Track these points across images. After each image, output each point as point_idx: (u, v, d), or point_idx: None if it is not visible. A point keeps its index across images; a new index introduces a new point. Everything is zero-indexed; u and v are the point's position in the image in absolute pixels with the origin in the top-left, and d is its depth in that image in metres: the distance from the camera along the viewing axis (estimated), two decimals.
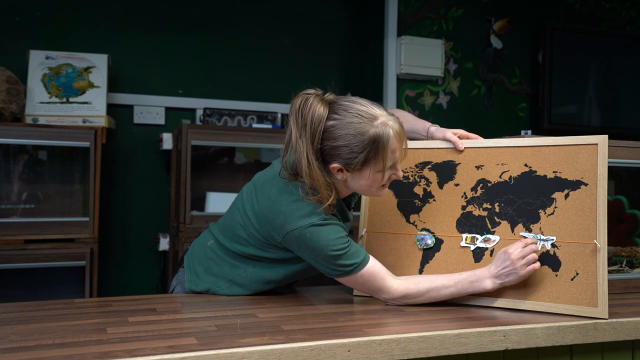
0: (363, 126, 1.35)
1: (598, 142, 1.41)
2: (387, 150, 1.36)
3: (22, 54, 2.90)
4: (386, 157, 1.37)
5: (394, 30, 3.51)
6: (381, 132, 1.35)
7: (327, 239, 1.38)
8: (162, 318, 1.29)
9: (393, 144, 1.37)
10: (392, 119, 1.39)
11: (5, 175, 2.84)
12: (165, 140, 3.10)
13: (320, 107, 1.36)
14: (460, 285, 1.41)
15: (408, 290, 1.42)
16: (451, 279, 1.42)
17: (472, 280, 1.41)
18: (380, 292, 1.43)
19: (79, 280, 2.74)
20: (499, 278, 1.39)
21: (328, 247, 1.38)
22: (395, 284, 1.42)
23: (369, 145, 1.35)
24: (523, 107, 3.92)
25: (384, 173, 1.39)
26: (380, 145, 1.35)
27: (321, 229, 1.38)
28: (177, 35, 3.34)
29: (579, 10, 4.04)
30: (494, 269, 1.39)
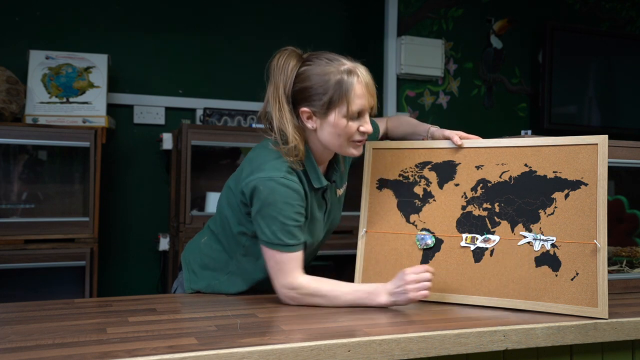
0: (329, 69, 1.41)
1: (598, 142, 1.41)
2: (351, 94, 1.39)
3: (22, 54, 2.89)
4: (350, 100, 1.39)
5: (394, 30, 3.51)
6: (346, 76, 1.40)
7: (281, 200, 1.39)
8: (162, 318, 1.29)
9: (359, 90, 1.40)
10: (361, 68, 1.43)
11: (5, 175, 2.84)
12: (165, 140, 3.09)
13: (294, 58, 1.46)
14: (358, 294, 1.40)
15: (309, 284, 1.41)
16: (351, 287, 1.42)
17: (370, 292, 1.40)
18: (283, 276, 1.41)
19: (79, 280, 2.74)
20: (392, 295, 1.37)
21: (276, 207, 1.38)
22: (300, 277, 1.42)
23: (333, 87, 1.39)
24: (523, 107, 3.92)
25: (349, 120, 1.40)
26: (344, 87, 1.39)
27: (279, 187, 1.39)
28: (177, 35, 3.33)
29: (579, 10, 4.04)
30: (389, 286, 1.39)
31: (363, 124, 1.43)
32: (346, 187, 1.69)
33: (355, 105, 1.40)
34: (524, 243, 1.44)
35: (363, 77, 1.41)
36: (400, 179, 1.62)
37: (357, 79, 1.40)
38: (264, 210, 1.40)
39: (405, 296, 1.36)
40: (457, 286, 1.47)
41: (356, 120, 1.42)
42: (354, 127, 1.42)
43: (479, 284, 1.45)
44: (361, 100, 1.41)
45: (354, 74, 1.40)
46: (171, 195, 3.15)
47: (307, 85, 1.42)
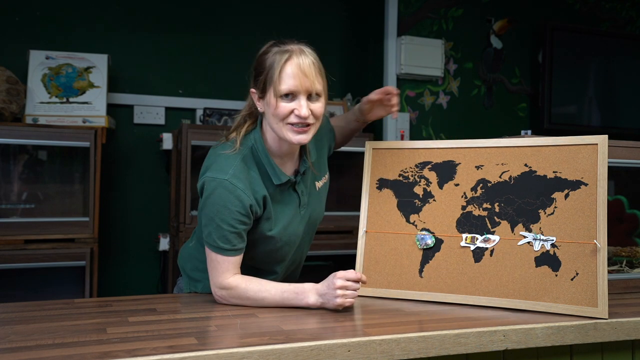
0: (268, 49, 1.43)
1: (598, 142, 1.41)
2: (280, 73, 1.38)
3: (22, 54, 2.89)
4: (280, 80, 1.38)
5: (394, 30, 3.51)
6: (279, 55, 1.39)
7: (219, 203, 1.39)
8: (162, 318, 1.29)
9: (289, 69, 1.38)
10: (299, 50, 1.41)
11: (5, 175, 2.84)
12: (165, 140, 3.10)
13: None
14: (286, 294, 1.39)
15: (237, 285, 1.41)
16: (279, 287, 1.41)
17: (297, 292, 1.38)
18: (215, 276, 1.42)
19: (79, 280, 2.74)
20: (321, 297, 1.36)
21: (214, 208, 1.40)
22: (231, 277, 1.42)
23: (267, 67, 1.40)
24: (523, 107, 3.92)
25: (279, 101, 1.39)
26: (275, 66, 1.39)
27: (221, 190, 1.39)
28: (177, 35, 3.34)
29: (579, 10, 4.04)
30: (320, 287, 1.38)
31: (296, 107, 1.39)
32: (328, 178, 1.66)
33: (283, 84, 1.38)
34: (524, 243, 1.44)
35: (299, 58, 1.39)
36: (400, 179, 1.62)
37: (290, 60, 1.38)
38: (204, 209, 1.42)
39: (333, 300, 1.34)
40: (457, 286, 1.47)
41: (290, 102, 1.39)
42: (286, 109, 1.39)
43: (479, 284, 1.45)
44: (292, 81, 1.37)
45: (288, 53, 1.39)
46: (171, 195, 3.15)
47: (253, 66, 1.46)
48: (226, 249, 1.41)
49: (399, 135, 3.49)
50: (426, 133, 3.61)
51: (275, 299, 1.39)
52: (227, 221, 1.39)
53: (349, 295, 1.35)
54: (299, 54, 1.39)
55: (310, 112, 1.40)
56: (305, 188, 1.55)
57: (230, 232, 1.40)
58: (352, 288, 1.35)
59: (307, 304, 1.38)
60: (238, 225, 1.40)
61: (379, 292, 1.54)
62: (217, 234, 1.40)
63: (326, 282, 1.37)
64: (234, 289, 1.41)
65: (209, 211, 1.41)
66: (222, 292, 1.42)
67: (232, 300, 1.42)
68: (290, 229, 1.52)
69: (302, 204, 1.54)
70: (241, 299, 1.41)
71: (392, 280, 1.54)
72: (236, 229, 1.40)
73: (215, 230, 1.40)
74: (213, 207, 1.40)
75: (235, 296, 1.41)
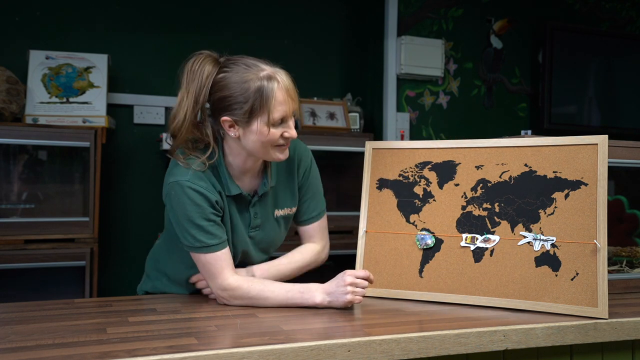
0: (249, 76, 1.37)
1: (598, 142, 1.41)
2: (271, 101, 1.36)
3: (22, 54, 2.89)
4: (272, 108, 1.36)
5: (394, 30, 3.51)
6: (266, 83, 1.36)
7: (190, 202, 1.37)
8: (162, 318, 1.29)
9: (280, 96, 1.37)
10: (281, 73, 1.39)
11: (5, 175, 2.84)
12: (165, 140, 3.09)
13: (210, 64, 1.41)
14: (290, 294, 1.39)
15: (240, 285, 1.39)
16: (283, 287, 1.41)
17: (302, 292, 1.38)
18: (214, 279, 1.40)
19: (79, 280, 2.74)
20: (329, 295, 1.37)
21: (188, 209, 1.37)
22: (231, 277, 1.40)
23: (253, 95, 1.36)
24: (523, 107, 3.92)
25: (271, 127, 1.38)
26: (265, 95, 1.35)
27: (187, 190, 1.37)
28: (177, 35, 3.33)
29: (579, 10, 4.04)
30: (327, 286, 1.38)
31: (287, 130, 1.41)
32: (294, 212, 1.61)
33: (277, 113, 1.37)
34: (524, 243, 1.44)
35: (283, 82, 1.38)
36: (400, 179, 1.62)
37: (278, 85, 1.37)
38: (178, 215, 1.39)
39: (343, 298, 1.35)
40: (457, 286, 1.47)
41: (279, 127, 1.40)
42: (278, 134, 1.40)
43: (479, 284, 1.45)
44: (283, 107, 1.38)
45: (274, 79, 1.37)
46: None
47: (226, 94, 1.38)
48: (213, 244, 1.39)
49: (399, 135, 3.49)
50: (426, 133, 3.61)
51: (279, 299, 1.39)
52: (203, 217, 1.38)
53: (358, 293, 1.35)
54: (282, 77, 1.39)
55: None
56: (261, 211, 1.53)
57: (209, 225, 1.39)
58: (361, 285, 1.36)
59: (314, 303, 1.37)
60: (212, 216, 1.40)
61: (379, 292, 1.54)
62: (200, 234, 1.38)
63: (334, 280, 1.38)
64: (236, 290, 1.40)
65: (180, 214, 1.39)
66: (224, 293, 1.41)
67: (235, 301, 1.41)
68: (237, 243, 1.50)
69: (252, 224, 1.52)
70: (244, 300, 1.40)
71: (392, 280, 1.54)
72: (212, 220, 1.40)
73: (195, 230, 1.38)
74: (185, 209, 1.38)
75: (238, 297, 1.40)
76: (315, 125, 3.22)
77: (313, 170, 1.62)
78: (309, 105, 3.29)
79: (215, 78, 1.40)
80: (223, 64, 1.42)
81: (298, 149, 1.58)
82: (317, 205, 1.62)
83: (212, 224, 1.40)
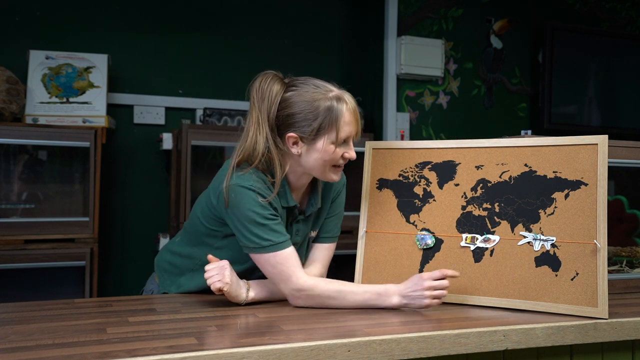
0: (318, 95, 1.41)
1: (598, 142, 1.41)
2: (340, 120, 1.40)
3: (22, 54, 2.89)
4: (340, 127, 1.40)
5: (394, 30, 3.51)
6: (336, 102, 1.40)
7: (252, 202, 1.37)
8: (162, 318, 1.29)
9: (347, 116, 1.41)
10: (347, 95, 1.44)
11: (5, 175, 2.84)
12: (165, 140, 3.09)
13: (278, 83, 1.44)
14: (367, 295, 1.39)
15: (317, 285, 1.39)
16: (360, 287, 1.41)
17: (380, 293, 1.39)
18: (287, 280, 1.38)
19: (79, 280, 2.74)
20: (405, 298, 1.37)
21: (250, 210, 1.37)
22: (305, 277, 1.39)
23: (323, 113, 1.39)
24: (523, 107, 3.92)
25: (337, 146, 1.41)
26: (334, 114, 1.39)
27: (247, 191, 1.38)
28: (177, 35, 3.33)
29: (579, 10, 4.04)
30: (403, 288, 1.38)
31: (348, 151, 1.44)
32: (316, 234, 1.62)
33: (343, 132, 1.41)
34: (524, 243, 1.44)
35: (351, 104, 1.42)
36: (400, 179, 1.62)
37: (346, 106, 1.41)
38: (241, 215, 1.38)
39: (420, 301, 1.36)
40: (457, 286, 1.47)
41: (342, 147, 1.43)
42: (339, 153, 1.43)
43: (479, 284, 1.45)
44: (349, 127, 1.41)
45: (343, 100, 1.41)
46: (171, 195, 3.15)
47: (295, 111, 1.40)
48: (280, 241, 1.39)
49: (399, 135, 3.49)
50: (426, 133, 3.61)
51: (357, 299, 1.39)
52: (267, 217, 1.38)
53: (438, 296, 1.36)
54: (349, 99, 1.43)
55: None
56: (303, 229, 1.55)
57: (273, 223, 1.39)
58: (440, 287, 1.37)
59: (390, 305, 1.38)
60: (276, 217, 1.41)
61: None
62: (267, 233, 1.38)
63: (410, 283, 1.38)
64: (313, 289, 1.38)
65: (242, 216, 1.38)
66: (299, 294, 1.39)
67: (310, 301, 1.39)
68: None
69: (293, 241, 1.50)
70: (320, 299, 1.39)
71: (392, 280, 1.54)
72: (276, 219, 1.40)
73: (260, 229, 1.37)
74: (249, 211, 1.37)
75: (315, 296, 1.38)
76: None
77: (342, 195, 1.64)
78: None
79: (283, 96, 1.42)
80: (289, 83, 1.45)
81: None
82: (333, 228, 1.62)
83: (276, 223, 1.40)
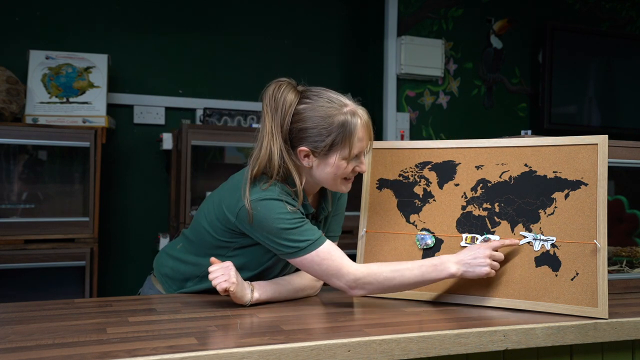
0: (332, 111, 1.38)
1: (598, 142, 1.41)
2: (354, 137, 1.38)
3: (22, 54, 2.89)
4: (353, 144, 1.38)
5: (394, 30, 3.51)
6: (350, 118, 1.38)
7: (279, 212, 1.35)
8: (162, 318, 1.29)
9: (360, 132, 1.40)
10: (361, 109, 1.42)
11: (5, 175, 2.84)
12: (165, 140, 3.10)
13: (292, 92, 1.40)
14: (424, 268, 1.38)
15: (370, 270, 1.37)
16: (415, 262, 1.40)
17: (436, 265, 1.38)
18: (338, 273, 1.36)
19: (79, 280, 2.74)
20: (464, 266, 1.38)
21: (279, 219, 1.35)
22: (354, 265, 1.38)
23: (337, 129, 1.37)
24: (523, 107, 3.92)
25: (349, 161, 1.40)
26: (348, 130, 1.37)
27: (273, 202, 1.36)
28: (177, 35, 3.33)
29: (579, 10, 4.04)
30: (462, 255, 1.39)
31: (359, 165, 1.44)
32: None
33: (356, 148, 1.40)
34: (524, 243, 1.44)
35: (364, 119, 1.40)
36: (400, 179, 1.62)
37: (360, 122, 1.39)
38: (270, 228, 1.36)
39: (481, 269, 1.37)
40: (457, 286, 1.47)
41: (353, 161, 1.42)
42: (351, 168, 1.42)
43: (479, 284, 1.45)
44: (362, 143, 1.41)
45: (357, 115, 1.39)
46: (171, 195, 3.15)
47: (308, 125, 1.38)
48: (317, 237, 1.37)
49: (399, 135, 3.49)
50: (426, 133, 3.61)
51: (415, 274, 1.37)
52: (296, 221, 1.36)
53: (495, 266, 1.39)
54: (362, 113, 1.41)
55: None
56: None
57: (304, 223, 1.38)
58: (498, 258, 1.40)
59: (449, 274, 1.38)
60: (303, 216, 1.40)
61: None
62: (299, 234, 1.35)
63: (469, 252, 1.40)
64: (368, 275, 1.36)
65: (271, 228, 1.35)
66: (356, 283, 1.36)
67: (369, 287, 1.37)
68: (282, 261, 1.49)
69: None
70: (379, 283, 1.37)
71: None
72: (305, 220, 1.39)
73: (296, 233, 1.35)
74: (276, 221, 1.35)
75: (372, 281, 1.37)
76: None
77: (344, 195, 1.63)
78: None
79: (297, 108, 1.39)
80: (303, 94, 1.42)
81: None
82: (335, 227, 1.61)
83: (306, 223, 1.39)
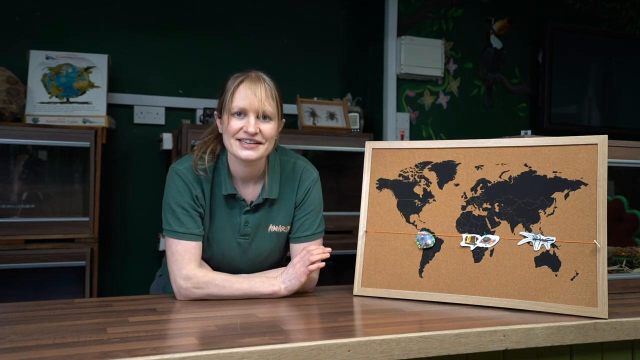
0: (229, 77, 1.55)
1: (598, 142, 1.41)
2: (234, 93, 1.49)
3: (22, 54, 2.89)
4: (232, 99, 1.49)
5: (394, 30, 3.51)
6: (236, 80, 1.51)
7: (174, 188, 1.51)
8: (162, 318, 1.29)
9: (242, 91, 1.49)
10: (256, 73, 1.54)
11: (5, 175, 2.84)
12: (165, 140, 3.09)
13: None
14: (252, 282, 1.49)
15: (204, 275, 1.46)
16: (246, 276, 1.52)
17: (262, 280, 1.50)
18: (178, 267, 1.47)
19: (79, 280, 2.74)
20: (283, 282, 1.50)
21: (169, 194, 1.52)
22: (195, 269, 1.47)
23: (225, 90, 1.52)
24: (523, 107, 3.92)
25: (232, 118, 1.49)
26: (230, 89, 1.51)
27: (175, 176, 1.52)
28: (177, 35, 3.33)
29: (579, 10, 4.04)
30: (283, 274, 1.51)
31: (246, 125, 1.49)
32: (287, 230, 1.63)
33: (234, 102, 1.49)
34: (523, 243, 1.44)
35: (251, 82, 1.50)
36: (400, 179, 1.62)
37: (244, 83, 1.50)
38: (165, 196, 1.53)
39: (297, 279, 1.49)
40: (457, 286, 1.47)
41: (241, 120, 1.49)
42: (237, 125, 1.49)
43: (478, 284, 1.45)
44: (243, 101, 1.49)
45: (242, 77, 1.51)
46: None
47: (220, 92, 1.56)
48: (182, 232, 1.48)
49: (399, 135, 3.49)
50: (426, 133, 3.61)
51: (244, 287, 1.47)
52: (179, 204, 1.49)
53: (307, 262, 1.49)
54: (253, 79, 1.51)
55: (259, 130, 1.49)
56: (253, 221, 1.58)
57: (182, 212, 1.49)
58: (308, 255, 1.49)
59: (273, 290, 1.49)
60: (189, 208, 1.50)
61: (379, 292, 1.54)
62: (172, 219, 1.49)
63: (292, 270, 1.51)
64: (198, 278, 1.46)
65: (166, 197, 1.53)
66: (186, 283, 1.45)
67: (196, 292, 1.46)
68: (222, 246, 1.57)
69: (241, 231, 1.57)
70: (208, 288, 1.46)
71: (392, 280, 1.54)
72: (187, 211, 1.49)
73: (172, 215, 1.50)
74: (169, 193, 1.52)
75: (201, 283, 1.45)
76: (315, 125, 3.22)
77: (314, 191, 1.63)
78: (309, 105, 3.29)
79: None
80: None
81: (304, 170, 1.63)
82: (310, 226, 1.62)
83: (185, 213, 1.49)
